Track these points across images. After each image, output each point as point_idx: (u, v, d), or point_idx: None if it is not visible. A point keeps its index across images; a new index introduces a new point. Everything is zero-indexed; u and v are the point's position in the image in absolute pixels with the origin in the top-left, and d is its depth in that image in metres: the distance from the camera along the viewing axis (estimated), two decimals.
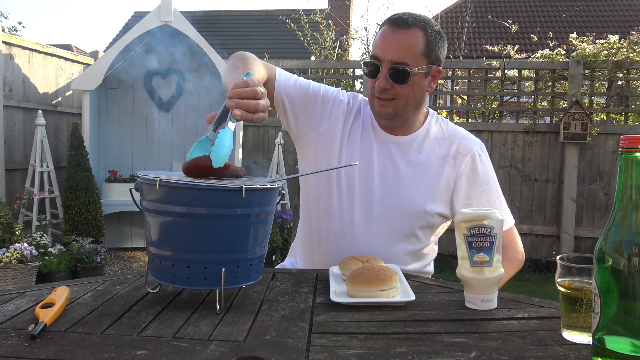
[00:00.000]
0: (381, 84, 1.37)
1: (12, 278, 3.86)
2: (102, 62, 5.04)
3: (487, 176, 1.46)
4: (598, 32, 7.95)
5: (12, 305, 1.01)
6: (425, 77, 1.41)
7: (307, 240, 1.57)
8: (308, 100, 1.50)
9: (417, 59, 1.37)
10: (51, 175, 4.93)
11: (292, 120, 1.51)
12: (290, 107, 1.49)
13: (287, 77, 1.51)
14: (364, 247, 1.43)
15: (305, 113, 1.50)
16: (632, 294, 0.71)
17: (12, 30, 18.89)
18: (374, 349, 0.80)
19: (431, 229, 1.48)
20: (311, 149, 1.52)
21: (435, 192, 1.44)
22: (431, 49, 1.38)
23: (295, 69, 6.15)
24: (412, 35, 1.36)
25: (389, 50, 1.36)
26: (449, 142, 1.48)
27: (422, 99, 1.45)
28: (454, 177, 1.45)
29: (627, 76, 5.31)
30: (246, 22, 13.18)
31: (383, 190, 1.45)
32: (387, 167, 1.46)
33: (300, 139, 1.54)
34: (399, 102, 1.40)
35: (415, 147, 1.47)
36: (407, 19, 1.37)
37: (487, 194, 1.45)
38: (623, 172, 0.74)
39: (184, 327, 0.90)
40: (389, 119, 1.44)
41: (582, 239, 5.32)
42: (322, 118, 1.50)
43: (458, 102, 6.32)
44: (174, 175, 1.03)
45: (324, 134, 1.50)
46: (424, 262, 1.52)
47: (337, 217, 1.47)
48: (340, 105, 1.51)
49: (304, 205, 1.59)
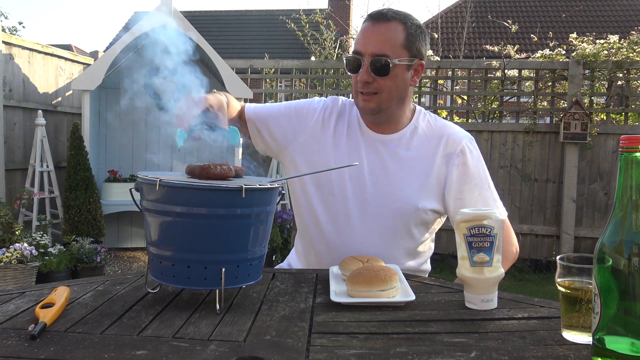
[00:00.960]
0: (363, 77, 1.38)
1: (12, 278, 3.86)
2: (102, 62, 5.04)
3: (478, 169, 1.47)
4: (598, 32, 7.95)
5: (12, 305, 1.01)
6: (408, 70, 1.41)
7: (306, 246, 1.58)
8: (281, 117, 1.55)
9: (398, 51, 1.38)
10: (51, 175, 4.93)
11: (268, 139, 1.56)
12: (265, 127, 1.55)
13: (256, 105, 1.61)
14: (360, 247, 1.43)
15: (280, 128, 1.54)
16: (632, 294, 0.71)
17: (12, 30, 18.90)
18: (374, 349, 0.80)
19: (425, 226, 1.48)
20: (294, 159, 1.54)
21: (426, 188, 1.44)
22: (412, 42, 1.39)
23: (295, 69, 6.16)
24: (392, 28, 1.38)
25: (369, 43, 1.37)
26: (437, 137, 1.48)
27: (406, 92, 1.45)
28: (444, 173, 1.45)
29: (627, 76, 5.31)
30: (246, 22, 13.18)
31: (375, 189, 1.45)
32: (376, 166, 1.46)
33: (281, 153, 1.58)
34: (382, 96, 1.40)
35: (404, 144, 1.47)
36: (387, 12, 1.39)
37: (479, 188, 1.45)
38: (623, 172, 0.74)
39: (184, 327, 0.90)
40: (373, 114, 1.45)
41: (582, 239, 5.32)
42: (299, 130, 1.53)
43: (458, 102, 6.32)
44: (174, 176, 1.03)
45: (303, 144, 1.52)
46: (421, 259, 1.52)
47: (333, 220, 1.48)
48: (314, 114, 1.54)
49: (297, 215, 1.60)
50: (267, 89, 6.26)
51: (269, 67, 6.10)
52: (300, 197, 1.54)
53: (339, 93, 5.83)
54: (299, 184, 1.52)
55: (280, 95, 6.20)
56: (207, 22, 12.75)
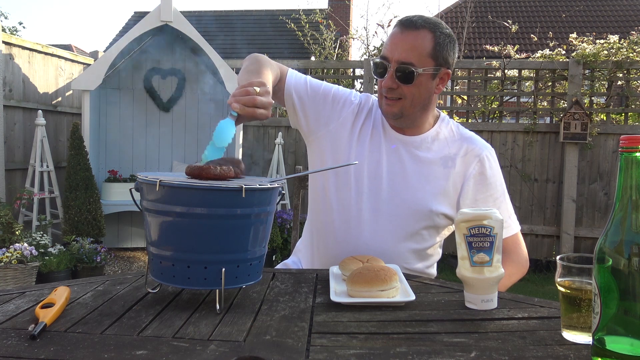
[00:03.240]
0: (387, 83, 1.40)
1: (12, 278, 3.86)
2: (102, 62, 5.03)
3: (495, 181, 1.48)
4: (598, 32, 7.96)
5: (12, 305, 1.01)
6: (432, 79, 1.42)
7: (314, 236, 1.59)
8: (318, 99, 1.54)
9: (424, 60, 1.38)
10: (51, 175, 4.93)
11: (301, 117, 1.55)
12: (300, 104, 1.54)
13: (298, 76, 1.56)
14: (370, 243, 1.44)
15: (315, 110, 1.54)
16: (632, 294, 0.71)
17: (12, 30, 18.89)
18: (374, 349, 0.81)
19: (436, 230, 1.49)
20: (321, 145, 1.55)
21: (441, 192, 1.45)
22: (439, 51, 1.39)
23: (295, 69, 6.15)
24: (420, 36, 1.38)
25: (396, 50, 1.38)
26: (458, 144, 1.49)
27: (429, 100, 1.46)
28: (461, 180, 1.46)
29: (627, 76, 5.31)
30: (246, 22, 13.18)
31: (391, 188, 1.47)
32: (395, 166, 1.48)
33: (310, 135, 1.57)
34: (405, 102, 1.42)
35: (425, 147, 1.49)
36: (416, 20, 1.39)
37: (494, 199, 1.46)
38: (623, 172, 0.74)
39: (184, 327, 0.90)
40: (395, 119, 1.47)
41: (582, 239, 5.32)
42: (332, 117, 1.54)
43: (458, 102, 6.32)
44: (174, 176, 1.03)
45: (332, 132, 1.53)
46: (428, 262, 1.53)
47: (344, 213, 1.49)
48: (350, 106, 1.55)
49: (311, 201, 1.61)
50: None
51: None
52: (319, 186, 1.55)
53: None
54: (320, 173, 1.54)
55: None
56: (207, 22, 12.75)
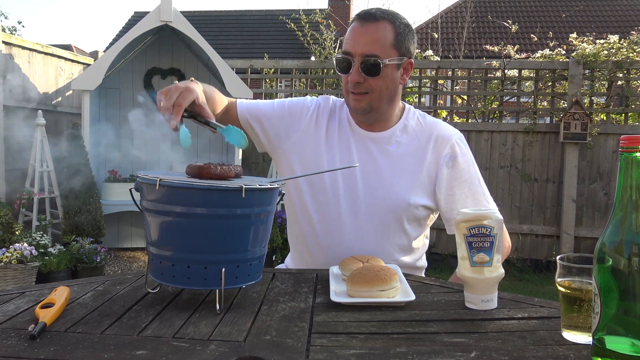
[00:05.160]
0: (354, 77, 1.39)
1: (12, 278, 3.86)
2: (102, 62, 5.04)
3: (468, 166, 1.48)
4: (598, 32, 7.96)
5: (12, 305, 1.01)
6: (397, 69, 1.43)
7: (299, 246, 1.59)
8: (274, 115, 1.55)
9: (387, 50, 1.39)
10: (51, 175, 4.93)
11: (263, 138, 1.56)
12: (258, 125, 1.55)
13: (248, 102, 1.59)
14: (353, 245, 1.44)
15: (273, 127, 1.55)
16: (632, 294, 0.71)
17: (12, 30, 18.89)
18: (374, 349, 0.80)
19: (418, 222, 1.49)
20: (288, 158, 1.55)
21: (417, 184, 1.46)
22: (401, 41, 1.40)
23: (295, 69, 6.16)
24: (381, 27, 1.39)
25: (359, 44, 1.38)
26: (427, 134, 1.50)
27: (396, 91, 1.47)
28: (434, 168, 1.47)
29: (627, 76, 5.31)
30: (246, 22, 13.17)
31: (366, 187, 1.46)
32: (367, 164, 1.47)
33: (274, 152, 1.58)
34: (372, 96, 1.41)
35: (394, 141, 1.49)
36: (375, 12, 1.40)
37: (469, 183, 1.47)
38: (623, 172, 0.74)
39: (184, 327, 0.90)
40: (364, 114, 1.46)
41: (582, 239, 5.32)
42: (291, 128, 1.54)
43: (458, 102, 6.32)
44: (174, 176, 1.03)
45: (296, 143, 1.53)
46: (415, 255, 1.53)
47: (324, 219, 1.48)
48: (307, 113, 1.55)
49: (289, 213, 1.61)
50: (267, 89, 6.26)
51: (269, 67, 6.11)
52: (294, 196, 1.54)
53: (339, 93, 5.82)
54: (292, 182, 1.53)
55: (280, 95, 6.20)
56: (207, 22, 12.74)
